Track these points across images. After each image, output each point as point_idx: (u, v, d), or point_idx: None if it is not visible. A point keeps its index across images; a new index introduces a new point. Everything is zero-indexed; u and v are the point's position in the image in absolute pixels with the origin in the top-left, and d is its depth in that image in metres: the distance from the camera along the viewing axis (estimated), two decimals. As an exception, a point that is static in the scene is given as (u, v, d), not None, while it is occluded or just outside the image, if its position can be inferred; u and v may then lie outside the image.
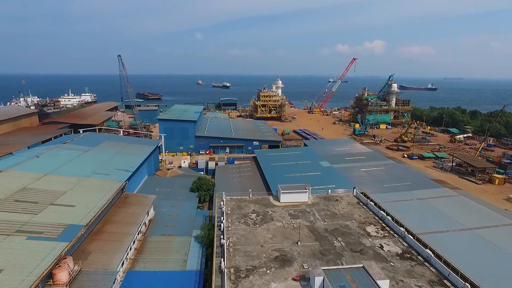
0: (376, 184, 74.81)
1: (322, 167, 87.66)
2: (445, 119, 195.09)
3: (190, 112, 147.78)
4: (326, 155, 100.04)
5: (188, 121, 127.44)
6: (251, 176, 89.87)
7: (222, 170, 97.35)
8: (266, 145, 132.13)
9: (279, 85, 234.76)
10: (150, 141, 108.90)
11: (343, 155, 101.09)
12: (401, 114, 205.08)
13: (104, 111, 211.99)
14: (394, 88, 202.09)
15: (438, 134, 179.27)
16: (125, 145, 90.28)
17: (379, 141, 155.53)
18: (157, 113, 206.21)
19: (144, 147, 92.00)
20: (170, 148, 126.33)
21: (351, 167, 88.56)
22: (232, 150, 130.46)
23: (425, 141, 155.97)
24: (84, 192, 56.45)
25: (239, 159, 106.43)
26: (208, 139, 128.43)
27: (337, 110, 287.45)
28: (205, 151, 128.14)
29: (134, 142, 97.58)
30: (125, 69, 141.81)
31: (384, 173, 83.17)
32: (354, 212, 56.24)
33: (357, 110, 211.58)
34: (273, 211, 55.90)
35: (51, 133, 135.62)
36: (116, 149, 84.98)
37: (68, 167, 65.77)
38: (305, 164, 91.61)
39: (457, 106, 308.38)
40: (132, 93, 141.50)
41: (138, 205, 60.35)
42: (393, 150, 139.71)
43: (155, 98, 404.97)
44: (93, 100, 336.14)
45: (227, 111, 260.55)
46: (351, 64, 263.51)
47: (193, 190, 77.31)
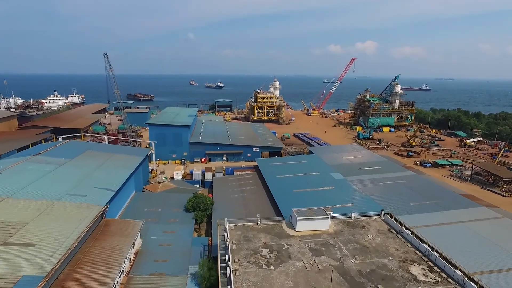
0: (402, 202, 64.53)
1: (335, 180, 77.17)
2: (450, 121, 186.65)
3: (183, 116, 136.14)
4: (336, 165, 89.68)
5: (181, 126, 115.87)
6: (255, 190, 78.92)
7: (221, 183, 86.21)
8: (267, 151, 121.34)
9: (276, 86, 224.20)
10: (139, 150, 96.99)
11: (355, 164, 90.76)
12: (405, 117, 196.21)
13: (91, 114, 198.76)
14: (397, 89, 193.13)
15: (444, 137, 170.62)
16: (109, 156, 78.54)
17: (386, 146, 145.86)
18: (148, 115, 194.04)
19: (132, 158, 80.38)
20: (162, 155, 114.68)
21: (367, 179, 78.21)
22: (230, 158, 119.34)
23: (434, 146, 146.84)
24: (51, 222, 44.88)
25: (239, 169, 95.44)
26: (204, 145, 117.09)
27: (335, 111, 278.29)
28: (200, 159, 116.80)
29: (120, 151, 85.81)
30: (111, 69, 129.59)
31: (406, 187, 72.98)
32: (388, 244, 45.72)
33: (358, 112, 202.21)
34: (289, 245, 45.05)
35: (29, 139, 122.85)
36: (98, 161, 73.21)
37: (35, 187, 53.97)
38: (315, 176, 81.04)
39: (454, 107, 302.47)
40: (119, 95, 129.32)
41: (121, 236, 48.92)
42: (402, 156, 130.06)
43: (147, 99, 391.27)
44: (81, 101, 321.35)
45: (221, 113, 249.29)
46: (350, 64, 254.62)
47: (188, 209, 66.06)
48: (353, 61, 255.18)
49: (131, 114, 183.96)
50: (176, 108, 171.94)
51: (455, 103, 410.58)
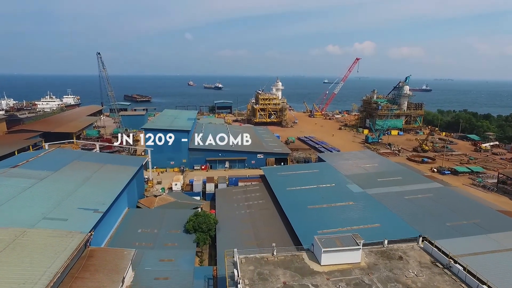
0: (436, 222, 56.00)
1: (353, 194, 68.62)
2: (462, 124, 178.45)
3: (182, 119, 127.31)
4: (351, 175, 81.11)
5: (180, 130, 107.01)
6: (263, 205, 70.23)
7: (224, 196, 77.46)
8: (272, 158, 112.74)
9: (279, 87, 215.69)
10: (133, 159, 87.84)
11: (372, 174, 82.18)
12: (413, 119, 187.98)
13: (85, 116, 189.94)
14: (406, 90, 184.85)
15: (456, 141, 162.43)
16: (99, 167, 69.68)
17: (397, 151, 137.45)
18: (145, 118, 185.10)
19: (125, 169, 71.53)
20: (159, 163, 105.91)
21: (389, 193, 69.67)
22: (233, 165, 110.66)
23: (448, 151, 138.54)
24: (21, 257, 36.10)
25: (244, 179, 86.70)
26: (204, 152, 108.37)
27: (338, 113, 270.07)
28: (201, 166, 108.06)
29: (112, 160, 76.91)
30: (105, 69, 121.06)
31: (436, 202, 64.45)
32: (436, 283, 37.12)
33: (365, 114, 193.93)
34: (315, 286, 36.40)
35: (16, 145, 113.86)
36: (86, 174, 64.34)
37: (4, 211, 45.12)
38: (330, 188, 72.47)
39: (458, 108, 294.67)
40: (113, 97, 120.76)
41: (108, 271, 40.15)
42: (416, 162, 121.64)
43: (144, 101, 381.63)
44: (76, 102, 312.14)
45: (221, 115, 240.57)
46: (354, 64, 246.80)
47: (189, 231, 57.29)
48: (357, 61, 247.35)
49: (126, 117, 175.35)
50: (175, 111, 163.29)
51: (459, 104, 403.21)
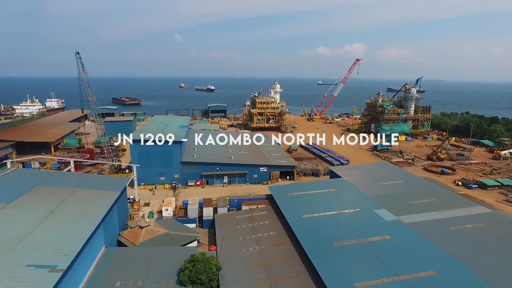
0: (505, 267, 43.27)
1: (386, 223, 55.74)
2: (472, 128, 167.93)
3: (173, 127, 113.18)
4: (377, 196, 68.28)
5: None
6: (276, 238, 56.74)
7: (226, 225, 63.78)
8: (277, 171, 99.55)
9: (277, 90, 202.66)
10: (114, 181, 72.18)
11: (400, 195, 69.37)
12: (421, 123, 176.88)
13: (67, 122, 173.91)
14: (413, 93, 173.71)
15: (468, 147, 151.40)
16: (68, 193, 55.41)
17: (411, 159, 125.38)
18: (133, 124, 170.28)
19: (102, 195, 57.40)
20: (147, 179, 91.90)
21: (429, 221, 56.79)
22: (233, 180, 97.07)
23: (465, 159, 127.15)
24: None
25: (248, 201, 73.11)
26: (199, 165, 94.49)
27: (338, 116, 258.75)
28: (196, 182, 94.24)
29: (87, 183, 62.55)
30: (85, 71, 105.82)
31: (493, 235, 51.72)
32: None
33: (369, 119, 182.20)
34: None
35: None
36: (50, 205, 50.10)
37: None
38: (355, 215, 59.49)
39: (457, 110, 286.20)
40: (94, 102, 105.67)
41: None
42: (435, 173, 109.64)
43: (133, 104, 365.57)
44: (60, 106, 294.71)
45: (215, 119, 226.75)
46: (354, 66, 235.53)
47: (184, 283, 43.53)
48: (357, 62, 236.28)
49: (113, 123, 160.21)
50: (165, 117, 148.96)
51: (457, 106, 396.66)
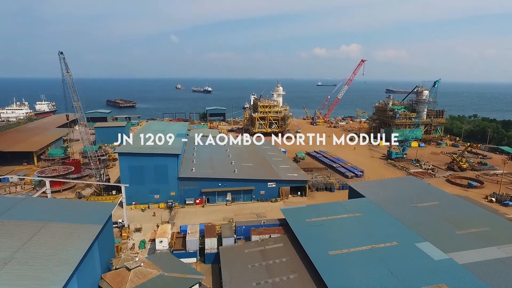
0: None
1: (436, 265, 44.32)
2: (489, 133, 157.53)
3: (169, 136, 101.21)
4: (414, 223, 56.71)
5: (166, 154, 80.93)
6: (297, 282, 45.15)
7: (233, 261, 52.03)
8: (287, 186, 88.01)
9: (280, 92, 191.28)
10: (96, 208, 57.67)
11: (443, 222, 57.66)
12: (434, 128, 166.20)
13: (55, 128, 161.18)
14: (425, 96, 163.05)
15: (487, 153, 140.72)
16: (35, 230, 43.50)
17: (431, 170, 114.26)
18: (126, 130, 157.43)
19: (79, 231, 45.49)
20: (139, 197, 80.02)
21: (490, 262, 45.36)
22: (237, 196, 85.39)
23: (488, 169, 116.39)
24: None
25: (258, 228, 61.49)
26: (199, 181, 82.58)
27: (342, 119, 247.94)
28: (195, 200, 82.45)
29: (61, 214, 50.55)
30: (69, 73, 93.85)
31: None
32: None
33: (378, 123, 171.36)
34: None
35: None
36: (4, 253, 38.13)
37: None
38: (393, 251, 48.02)
39: (462, 112, 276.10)
40: (80, 108, 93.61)
41: None
42: (462, 187, 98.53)
43: (128, 106, 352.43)
44: (51, 109, 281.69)
45: (214, 123, 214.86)
46: (359, 67, 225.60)
47: None
48: (362, 63, 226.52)
49: (103, 129, 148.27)
50: (160, 124, 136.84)
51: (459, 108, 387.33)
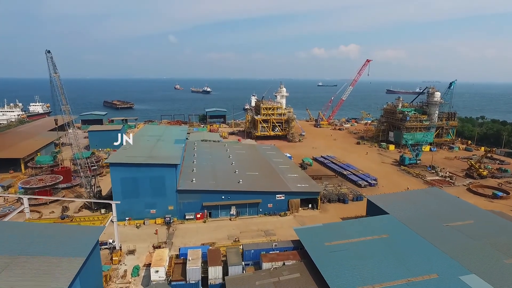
0: None
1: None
2: (504, 137, 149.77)
3: (167, 142, 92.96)
4: (452, 249, 48.75)
5: (164, 165, 72.54)
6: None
7: (243, 298, 43.89)
8: (297, 198, 79.78)
9: (283, 94, 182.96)
10: (80, 232, 47.13)
11: (486, 247, 49.55)
12: (445, 131, 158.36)
13: (45, 132, 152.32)
14: (437, 97, 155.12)
15: (504, 159, 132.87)
16: (4, 265, 35.15)
17: (449, 177, 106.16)
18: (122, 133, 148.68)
19: (56, 268, 37.24)
20: (133, 212, 71.67)
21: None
22: (242, 210, 77.13)
23: (510, 176, 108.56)
24: None
25: (269, 252, 53.28)
26: (200, 194, 74.27)
27: (346, 121, 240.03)
28: (195, 215, 74.17)
29: (37, 244, 42.22)
30: (57, 74, 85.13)
31: None
32: None
33: (387, 126, 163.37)
34: None
35: None
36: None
37: None
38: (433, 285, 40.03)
39: (466, 113, 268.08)
40: (69, 112, 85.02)
41: None
42: (486, 197, 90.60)
43: (125, 107, 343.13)
44: (45, 111, 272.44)
45: (215, 126, 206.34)
46: (364, 67, 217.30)
47: None
48: (367, 63, 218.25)
49: (97, 133, 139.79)
50: (158, 128, 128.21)
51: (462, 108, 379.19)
